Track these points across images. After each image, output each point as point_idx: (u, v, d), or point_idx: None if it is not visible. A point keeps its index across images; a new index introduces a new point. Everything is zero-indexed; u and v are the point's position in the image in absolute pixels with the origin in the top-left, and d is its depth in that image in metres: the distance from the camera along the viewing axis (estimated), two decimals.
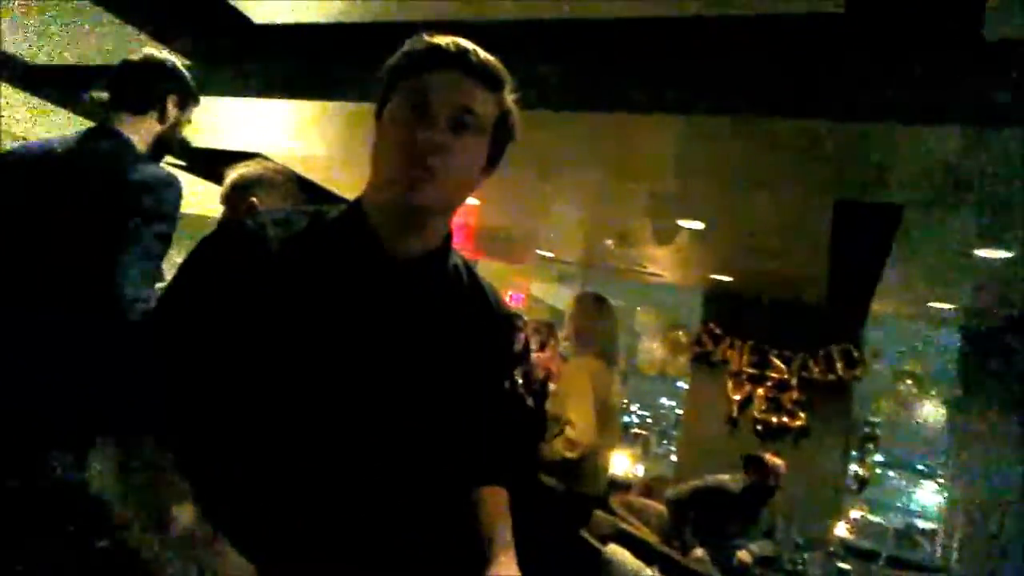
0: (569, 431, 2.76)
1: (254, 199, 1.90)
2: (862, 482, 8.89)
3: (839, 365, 6.18)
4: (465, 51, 0.92)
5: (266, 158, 2.23)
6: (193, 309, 0.90)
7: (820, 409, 6.31)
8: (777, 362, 6.41)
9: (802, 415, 6.34)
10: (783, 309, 6.33)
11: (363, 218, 0.94)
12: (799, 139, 3.05)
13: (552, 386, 3.27)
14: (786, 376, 6.37)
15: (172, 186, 1.62)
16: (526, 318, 4.28)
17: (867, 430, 8.57)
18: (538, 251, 6.95)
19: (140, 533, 0.82)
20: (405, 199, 0.89)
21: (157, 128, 1.77)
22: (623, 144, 3.70)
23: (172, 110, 1.80)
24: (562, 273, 7.86)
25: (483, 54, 0.94)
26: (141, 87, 1.76)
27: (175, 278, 0.95)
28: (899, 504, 15.15)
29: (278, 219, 0.95)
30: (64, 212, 1.53)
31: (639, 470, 9.13)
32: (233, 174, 1.98)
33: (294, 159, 4.74)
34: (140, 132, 1.73)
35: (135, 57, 1.80)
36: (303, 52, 3.67)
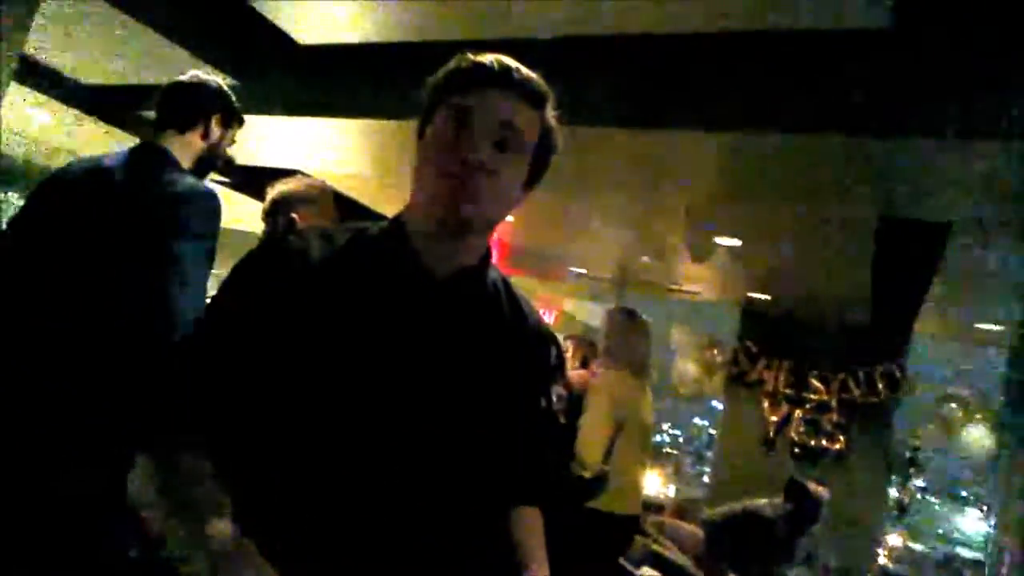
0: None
1: (294, 215, 1.93)
2: (902, 508, 8.63)
3: (881, 387, 6.02)
4: (508, 69, 0.93)
5: (305, 175, 2.27)
6: (235, 323, 0.91)
7: (860, 432, 6.15)
8: (816, 383, 6.27)
9: (841, 438, 6.18)
10: (823, 329, 6.21)
11: (403, 234, 0.95)
12: (843, 155, 3.00)
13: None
14: (825, 397, 6.22)
15: (212, 200, 1.66)
16: (561, 336, 4.26)
17: (909, 454, 8.31)
18: (572, 268, 6.94)
19: (175, 544, 0.82)
20: (447, 217, 0.90)
21: (201, 146, 1.81)
22: (660, 161, 3.69)
23: (215, 128, 1.83)
24: (596, 290, 7.83)
25: (526, 71, 0.95)
26: (186, 106, 1.80)
27: (218, 292, 0.96)
28: (941, 532, 14.67)
29: (321, 235, 0.97)
30: (110, 227, 1.57)
31: (671, 491, 8.99)
32: (274, 191, 2.02)
33: (333, 176, 4.81)
34: (184, 149, 1.77)
35: (182, 78, 1.85)
36: (343, 71, 3.73)
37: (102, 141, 5.43)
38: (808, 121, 2.82)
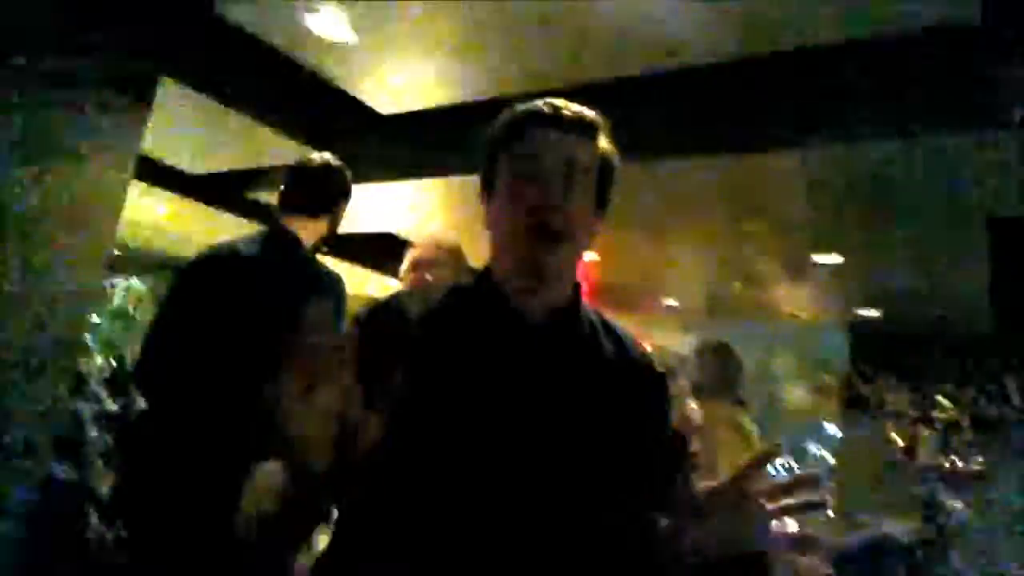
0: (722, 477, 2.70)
1: (428, 276, 2.02)
2: None
3: (1016, 399, 5.54)
4: (558, 108, 0.98)
5: (397, 237, 2.36)
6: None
7: (998, 449, 5.65)
8: (943, 400, 5.85)
9: (980, 459, 5.70)
10: (943, 341, 5.81)
11: (492, 282, 0.98)
12: (944, 157, 2.85)
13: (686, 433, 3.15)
14: (955, 416, 5.78)
15: (342, 286, 1.79)
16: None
17: None
18: (663, 300, 6.82)
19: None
20: (535, 262, 0.93)
21: (325, 231, 1.90)
22: (747, 183, 3.61)
23: (340, 214, 1.92)
24: (688, 322, 7.64)
25: (574, 107, 0.99)
26: (318, 193, 1.87)
27: None
28: None
29: (419, 293, 1.03)
30: (257, 314, 1.68)
31: (790, 525, 8.47)
32: (411, 255, 2.13)
33: (423, 235, 4.96)
34: (311, 233, 1.85)
35: (312, 163, 1.91)
36: (426, 134, 3.89)
37: (211, 224, 5.83)
38: (905, 124, 2.71)
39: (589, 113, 1.00)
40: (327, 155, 1.95)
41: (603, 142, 1.00)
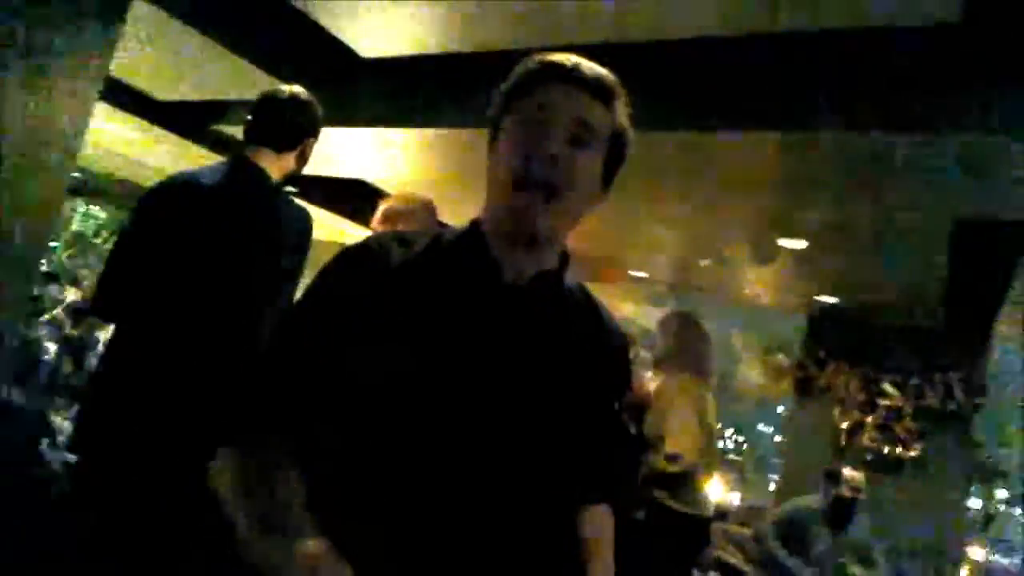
0: (669, 445, 2.75)
1: (400, 228, 1.99)
2: (986, 520, 8.21)
3: (959, 392, 5.75)
4: (578, 65, 0.93)
5: (369, 185, 2.34)
6: (316, 325, 0.93)
7: (938, 440, 5.88)
8: (889, 389, 6.03)
9: (917, 446, 5.92)
10: (895, 332, 5.96)
11: (480, 238, 0.95)
12: (915, 154, 2.89)
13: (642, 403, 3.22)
14: (899, 404, 5.98)
15: (309, 221, 1.73)
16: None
17: (991, 463, 7.90)
18: (632, 272, 6.88)
19: (261, 557, 0.81)
20: (525, 216, 0.89)
21: (292, 167, 1.83)
22: (722, 163, 3.63)
23: (308, 151, 1.85)
24: (655, 294, 7.73)
25: (596, 67, 0.94)
26: (285, 126, 1.79)
27: (303, 295, 0.98)
28: None
29: (399, 240, 0.98)
30: (218, 245, 1.63)
31: (735, 497, 8.78)
32: (383, 206, 2.10)
33: (397, 185, 4.90)
34: (277, 167, 1.78)
35: (281, 95, 1.82)
36: (405, 82, 3.81)
37: (177, 154, 5.69)
38: (878, 119, 2.73)
39: (610, 76, 0.94)
40: (297, 87, 1.86)
41: (620, 112, 0.96)
